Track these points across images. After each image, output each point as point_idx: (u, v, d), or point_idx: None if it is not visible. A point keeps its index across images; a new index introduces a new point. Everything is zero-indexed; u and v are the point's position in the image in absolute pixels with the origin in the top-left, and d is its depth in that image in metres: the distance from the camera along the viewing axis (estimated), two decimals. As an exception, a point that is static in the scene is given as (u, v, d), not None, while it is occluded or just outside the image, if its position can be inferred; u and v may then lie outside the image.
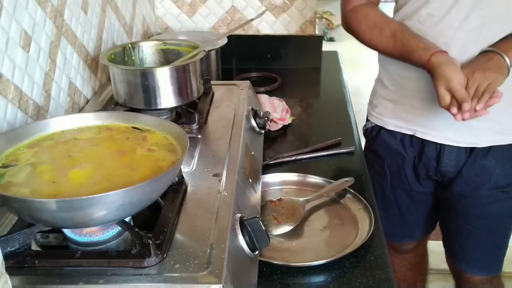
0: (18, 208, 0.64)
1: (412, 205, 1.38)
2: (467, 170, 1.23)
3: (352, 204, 1.04)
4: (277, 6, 1.81)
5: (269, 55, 1.87)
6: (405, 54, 1.11)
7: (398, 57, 1.15)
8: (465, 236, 1.34)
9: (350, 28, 1.23)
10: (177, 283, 0.63)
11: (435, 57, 1.04)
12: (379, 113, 1.32)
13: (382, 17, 1.18)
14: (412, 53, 1.09)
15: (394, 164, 1.33)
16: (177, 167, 0.74)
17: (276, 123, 1.36)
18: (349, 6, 1.23)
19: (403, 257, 1.55)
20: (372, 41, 1.18)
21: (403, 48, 1.11)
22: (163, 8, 1.85)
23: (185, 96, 1.07)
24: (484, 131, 1.16)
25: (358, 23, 1.20)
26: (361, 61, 4.10)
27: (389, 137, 1.31)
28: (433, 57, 1.04)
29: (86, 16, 1.24)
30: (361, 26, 1.19)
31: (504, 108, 1.16)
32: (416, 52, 1.08)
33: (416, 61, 1.09)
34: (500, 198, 1.25)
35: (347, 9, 1.23)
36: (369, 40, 1.19)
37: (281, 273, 0.86)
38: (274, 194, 1.09)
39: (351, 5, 1.22)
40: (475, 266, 1.38)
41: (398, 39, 1.12)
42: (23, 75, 0.96)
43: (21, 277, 0.65)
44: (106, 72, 1.36)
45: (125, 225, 0.69)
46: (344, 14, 1.25)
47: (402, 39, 1.12)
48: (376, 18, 1.18)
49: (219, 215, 0.75)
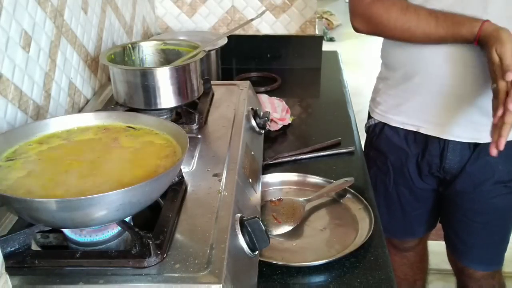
0: (18, 208, 0.64)
1: (415, 202, 1.38)
2: (471, 166, 1.23)
3: (352, 204, 1.04)
4: (277, 6, 1.81)
5: (269, 55, 1.87)
6: (451, 28, 1.08)
7: (441, 34, 1.10)
8: (467, 231, 1.34)
9: (374, 19, 1.16)
10: (177, 283, 0.63)
11: (488, 24, 1.03)
12: (383, 110, 1.32)
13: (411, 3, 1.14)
14: (461, 25, 1.06)
15: (397, 160, 1.33)
16: (177, 167, 0.74)
17: (276, 123, 1.36)
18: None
19: (403, 255, 1.55)
20: (408, 23, 1.12)
21: (448, 23, 1.08)
22: (163, 8, 1.85)
23: (185, 96, 1.07)
24: (487, 126, 1.16)
25: (387, 9, 1.14)
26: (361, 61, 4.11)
27: (392, 133, 1.31)
28: (486, 24, 1.03)
29: (86, 16, 1.24)
30: (391, 12, 1.14)
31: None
32: (465, 23, 1.06)
33: (465, 31, 1.06)
34: (502, 193, 1.25)
35: (366, 1, 1.17)
36: (403, 24, 1.13)
37: (281, 273, 0.86)
38: (274, 194, 1.09)
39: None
40: (477, 261, 1.38)
41: (440, 15, 1.09)
42: (23, 75, 0.96)
43: (21, 277, 0.65)
44: (106, 72, 1.36)
45: (125, 225, 0.69)
46: (363, 8, 1.18)
47: (445, 15, 1.09)
48: (407, 3, 1.14)
49: (219, 215, 0.75)
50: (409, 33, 1.14)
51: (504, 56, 0.98)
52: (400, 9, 1.13)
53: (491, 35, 1.02)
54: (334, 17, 5.66)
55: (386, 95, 1.31)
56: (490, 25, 1.03)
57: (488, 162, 1.22)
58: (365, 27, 1.21)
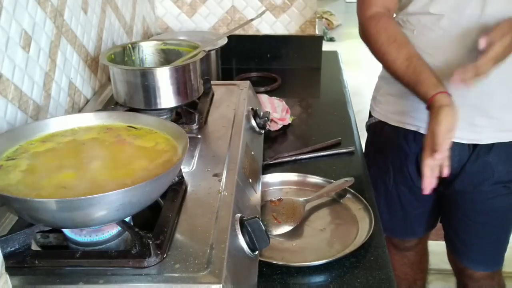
0: (18, 208, 0.64)
1: (415, 201, 1.38)
2: (470, 166, 1.23)
3: (352, 204, 1.04)
4: (277, 6, 1.81)
5: (269, 55, 1.87)
6: (414, 81, 1.08)
7: (405, 81, 1.11)
8: (467, 231, 1.34)
9: (368, 36, 1.18)
10: (177, 283, 0.63)
11: (438, 97, 1.02)
12: (383, 109, 1.33)
13: (403, 36, 1.14)
14: (421, 83, 1.06)
15: (397, 159, 1.33)
16: (177, 167, 0.74)
17: (276, 123, 1.36)
18: (369, 12, 1.18)
19: (404, 255, 1.55)
20: (387, 55, 1.13)
21: (414, 75, 1.08)
22: (163, 8, 1.85)
23: (185, 96, 1.07)
24: (486, 128, 1.17)
25: (378, 32, 1.15)
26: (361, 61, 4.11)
27: (392, 132, 1.32)
28: (437, 97, 1.02)
29: (86, 16, 1.24)
30: (380, 37, 1.14)
31: (505, 106, 1.17)
32: (425, 84, 1.06)
33: (421, 92, 1.06)
34: (502, 193, 1.25)
35: (366, 15, 1.18)
36: (384, 54, 1.14)
37: (281, 273, 0.86)
38: (274, 194, 1.09)
39: (370, 12, 1.18)
40: (476, 261, 1.38)
41: (413, 63, 1.09)
42: (23, 75, 0.96)
43: (21, 277, 0.65)
44: (106, 72, 1.36)
45: (125, 225, 0.69)
46: (363, 21, 1.20)
47: (416, 65, 1.08)
48: (397, 34, 1.14)
49: (219, 215, 0.75)
50: (385, 64, 1.16)
51: (436, 135, 1.00)
52: (387, 38, 1.13)
53: (434, 109, 1.02)
54: (334, 17, 5.66)
55: (387, 94, 1.32)
56: (439, 99, 1.02)
57: (487, 163, 1.22)
58: (362, 38, 1.22)
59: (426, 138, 1.03)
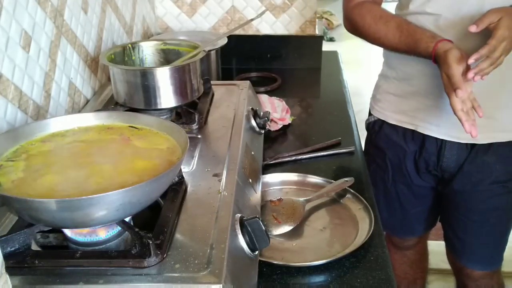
0: (18, 208, 0.64)
1: (413, 200, 1.39)
2: (468, 166, 1.24)
3: (352, 204, 1.04)
4: (277, 6, 1.81)
5: (269, 55, 1.87)
6: (412, 44, 1.11)
7: (403, 48, 1.14)
8: (466, 230, 1.35)
9: (354, 23, 1.23)
10: (177, 283, 0.63)
11: (441, 44, 1.05)
12: (382, 107, 1.34)
13: (386, 12, 1.19)
14: (419, 42, 1.09)
15: (395, 157, 1.34)
16: (177, 167, 0.74)
17: (276, 123, 1.36)
18: (352, 2, 1.23)
19: (403, 254, 1.56)
20: (378, 33, 1.17)
21: (410, 38, 1.11)
22: (163, 8, 1.85)
23: (185, 96, 1.07)
24: (484, 128, 1.17)
25: (362, 16, 1.19)
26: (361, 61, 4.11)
27: (391, 131, 1.32)
28: (440, 44, 1.05)
29: (86, 16, 1.24)
30: (365, 19, 1.19)
31: (503, 106, 1.17)
32: (423, 40, 1.08)
33: (422, 49, 1.09)
34: (500, 192, 1.26)
35: (350, 5, 1.23)
36: (374, 33, 1.18)
37: (281, 273, 0.86)
38: (274, 194, 1.09)
39: (354, 2, 1.22)
40: (475, 260, 1.38)
41: (404, 29, 1.12)
42: (23, 75, 0.96)
43: (21, 277, 0.65)
44: (106, 72, 1.36)
45: (125, 225, 0.69)
46: (347, 12, 1.24)
47: (408, 29, 1.12)
48: (380, 11, 1.19)
49: (219, 215, 0.75)
50: (379, 42, 1.19)
51: (451, 76, 1.01)
52: (373, 18, 1.17)
53: (441, 56, 1.04)
54: (334, 17, 5.65)
55: (386, 93, 1.32)
56: (442, 46, 1.05)
57: (485, 162, 1.22)
58: (349, 28, 1.26)
59: (445, 86, 1.04)
